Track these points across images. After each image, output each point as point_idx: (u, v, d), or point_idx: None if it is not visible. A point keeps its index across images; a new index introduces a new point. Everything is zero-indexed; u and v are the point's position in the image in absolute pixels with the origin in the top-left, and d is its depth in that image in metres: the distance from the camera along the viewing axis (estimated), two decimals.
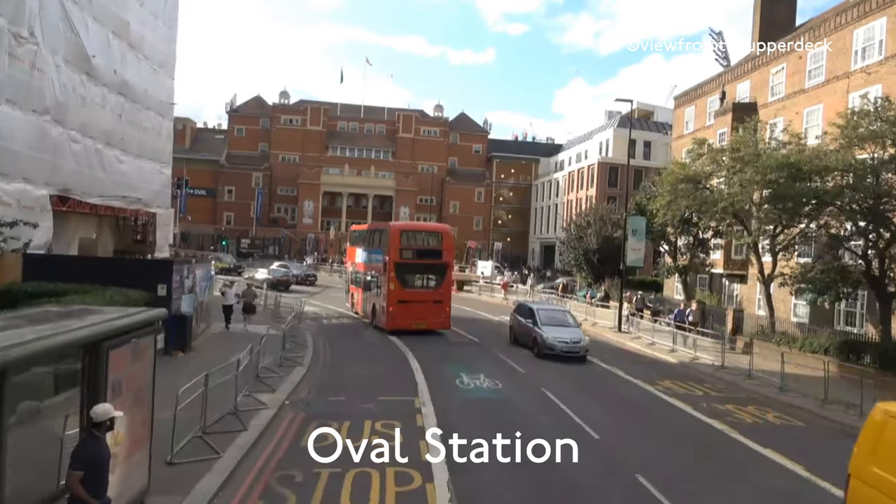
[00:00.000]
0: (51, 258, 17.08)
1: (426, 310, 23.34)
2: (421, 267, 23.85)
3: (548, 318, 21.72)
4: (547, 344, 20.26)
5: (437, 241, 24.54)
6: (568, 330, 21.13)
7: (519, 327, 22.75)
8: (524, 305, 23.90)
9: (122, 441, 6.56)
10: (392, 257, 23.04)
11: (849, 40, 25.83)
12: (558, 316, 22.48)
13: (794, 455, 11.31)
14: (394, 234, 23.64)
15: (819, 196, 19.56)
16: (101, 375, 5.99)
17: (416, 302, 23.33)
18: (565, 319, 22.17)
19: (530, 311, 22.27)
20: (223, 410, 11.42)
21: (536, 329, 21.02)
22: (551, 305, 24.61)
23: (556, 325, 21.17)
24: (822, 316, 25.08)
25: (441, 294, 23.96)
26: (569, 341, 20.34)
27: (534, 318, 21.54)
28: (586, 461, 10.52)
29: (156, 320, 7.07)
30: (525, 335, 22.07)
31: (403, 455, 10.22)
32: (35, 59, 16.35)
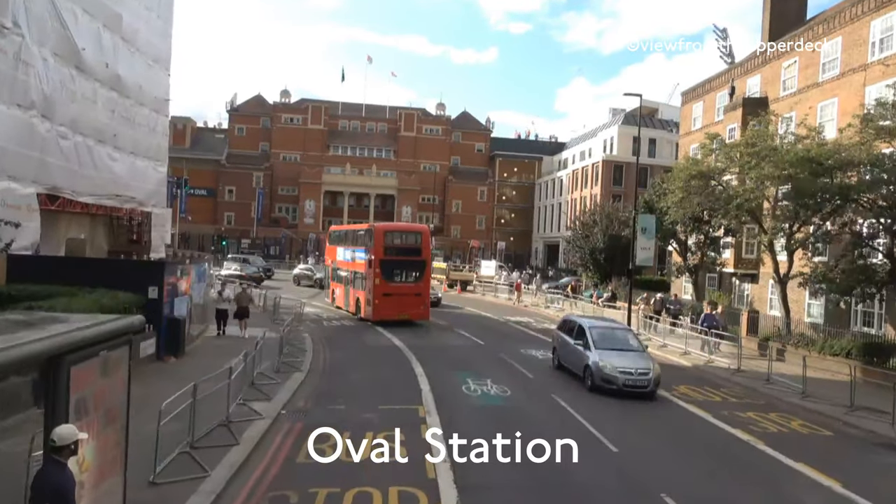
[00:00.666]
0: (37, 259, 16.36)
1: (408, 302, 25.58)
2: (403, 263, 26.04)
3: (603, 337, 16.97)
4: (604, 374, 15.55)
5: (416, 240, 27.01)
6: (632, 357, 16.18)
7: (564, 349, 18.28)
8: (571, 321, 18.98)
9: (89, 468, 5.78)
10: (377, 255, 25.33)
11: (865, 32, 24.97)
12: (618, 336, 17.51)
13: (828, 469, 10.51)
14: (378, 234, 26.03)
15: (844, 192, 18.70)
16: (62, 394, 5.21)
17: (399, 295, 25.56)
18: (627, 341, 17.21)
19: (580, 330, 17.48)
20: (215, 421, 10.68)
21: (588, 353, 16.39)
22: (606, 322, 19.92)
23: (615, 350, 16.28)
24: (838, 316, 24.24)
25: (421, 288, 26.32)
26: (633, 371, 15.50)
27: (585, 339, 16.93)
28: (605, 477, 9.75)
29: (130, 329, 6.28)
30: (572, 359, 17.55)
31: (407, 472, 9.46)
32: (20, 50, 15.61)
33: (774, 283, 25.00)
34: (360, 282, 27.18)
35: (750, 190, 22.31)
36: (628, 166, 61.73)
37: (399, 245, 26.46)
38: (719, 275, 34.02)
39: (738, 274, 32.04)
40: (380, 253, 25.38)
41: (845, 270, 18.86)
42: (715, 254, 30.57)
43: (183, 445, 9.40)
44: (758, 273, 30.60)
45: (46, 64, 16.90)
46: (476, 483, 9.21)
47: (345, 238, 31.26)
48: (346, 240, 30.82)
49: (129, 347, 6.52)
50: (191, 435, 9.63)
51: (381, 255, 25.35)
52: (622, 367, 15.49)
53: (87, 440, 5.44)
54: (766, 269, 28.78)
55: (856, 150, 18.88)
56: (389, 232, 27.50)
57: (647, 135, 63.88)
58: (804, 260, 22.62)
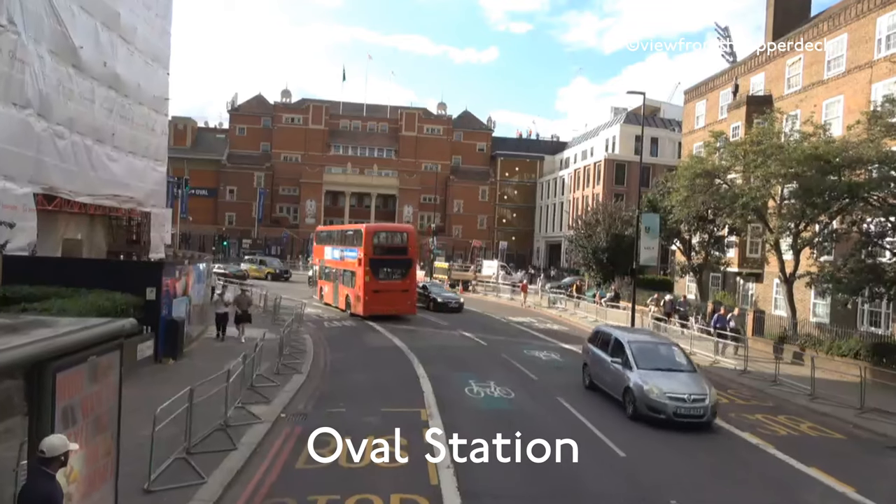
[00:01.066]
0: (34, 260, 16.14)
1: (395, 298, 27.00)
2: (390, 262, 27.44)
3: (645, 354, 14.13)
4: (650, 401, 12.77)
5: (403, 240, 28.43)
6: (683, 378, 13.39)
7: (598, 366, 15.47)
8: (604, 333, 16.14)
9: (78, 478, 5.55)
10: (366, 254, 26.73)
11: (871, 28, 24.68)
12: (662, 352, 14.52)
13: (841, 474, 10.23)
14: (367, 235, 27.37)
15: (853, 190, 18.40)
16: (47, 402, 4.97)
17: (387, 291, 26.92)
18: (674, 359, 14.30)
19: (617, 345, 14.72)
20: (212, 425, 10.44)
21: (629, 373, 13.61)
22: (646, 335, 17.30)
23: (662, 371, 13.53)
24: (844, 316, 23.95)
25: (407, 284, 27.74)
26: (686, 398, 12.67)
27: (623, 356, 14.13)
28: (610, 481, 9.50)
29: (121, 333, 6.03)
30: (608, 380, 14.78)
31: (409, 477, 9.21)
32: (15, 48, 15.40)
33: (780, 282, 24.71)
34: (349, 279, 28.46)
35: (756, 188, 22.02)
36: (630, 165, 61.44)
37: (387, 245, 27.97)
38: (723, 274, 33.75)
39: (743, 273, 31.77)
40: (369, 252, 26.77)
41: (854, 270, 18.56)
42: (719, 253, 30.29)
43: (179, 451, 9.17)
44: (762, 272, 30.33)
45: (43, 62, 16.68)
46: (480, 490, 8.96)
47: (333, 238, 32.59)
48: (334, 240, 32.21)
49: (120, 352, 6.27)
50: (187, 440, 9.40)
51: (371, 255, 26.75)
52: (672, 392, 12.73)
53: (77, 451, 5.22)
54: (770, 268, 28.50)
55: (864, 147, 18.59)
56: (378, 232, 28.89)
57: (650, 133, 63.50)
58: (810, 259, 22.33)
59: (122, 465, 6.78)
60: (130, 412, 8.55)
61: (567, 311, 34.67)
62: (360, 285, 26.97)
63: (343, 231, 32.76)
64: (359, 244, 27.47)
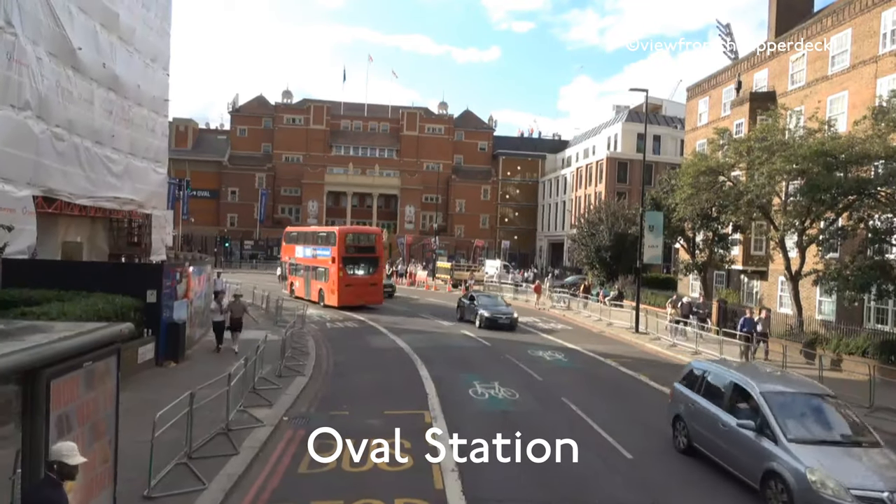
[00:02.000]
0: (33, 263, 16.01)
1: (365, 290, 31.07)
2: (361, 259, 31.35)
3: (796, 415, 9.26)
4: None
5: (371, 241, 32.53)
6: (867, 460, 8.62)
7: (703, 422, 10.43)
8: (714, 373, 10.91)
9: (74, 486, 5.39)
10: (340, 253, 30.35)
11: (876, 23, 24.46)
12: (820, 410, 9.64)
13: None
14: (340, 236, 31.10)
15: (860, 186, 18.19)
16: (40, 410, 4.83)
17: (357, 285, 30.78)
18: (839, 422, 9.51)
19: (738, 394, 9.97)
20: (214, 429, 10.32)
21: (773, 449, 8.68)
22: (782, 377, 11.46)
23: (826, 444, 8.71)
24: (851, 314, 23.75)
25: (375, 279, 31.96)
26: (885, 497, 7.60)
27: (757, 416, 9.21)
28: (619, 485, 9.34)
29: (117, 338, 5.89)
30: (728, 452, 9.70)
31: (414, 482, 9.06)
32: (13, 50, 15.28)
33: (785, 280, 24.50)
34: (323, 275, 31.86)
35: (760, 185, 21.81)
36: (633, 163, 61.24)
37: (357, 245, 31.73)
38: (727, 272, 33.54)
39: (748, 271, 31.55)
40: (342, 251, 30.50)
41: (861, 267, 18.36)
42: (723, 251, 30.07)
43: (180, 456, 9.04)
44: (767, 270, 30.11)
45: (41, 63, 16.57)
46: (486, 494, 8.81)
47: (305, 238, 35.90)
48: (306, 240, 35.51)
49: (117, 357, 6.14)
50: (188, 444, 9.26)
51: (343, 253, 30.52)
52: (862, 489, 7.76)
53: None
54: (775, 266, 28.30)
55: (871, 142, 18.39)
56: (349, 234, 32.53)
57: (652, 131, 63.38)
58: (816, 257, 22.13)
59: (122, 471, 6.66)
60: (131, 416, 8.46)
61: (571, 311, 34.45)
62: (335, 280, 30.48)
63: (315, 232, 35.94)
64: (333, 244, 30.90)
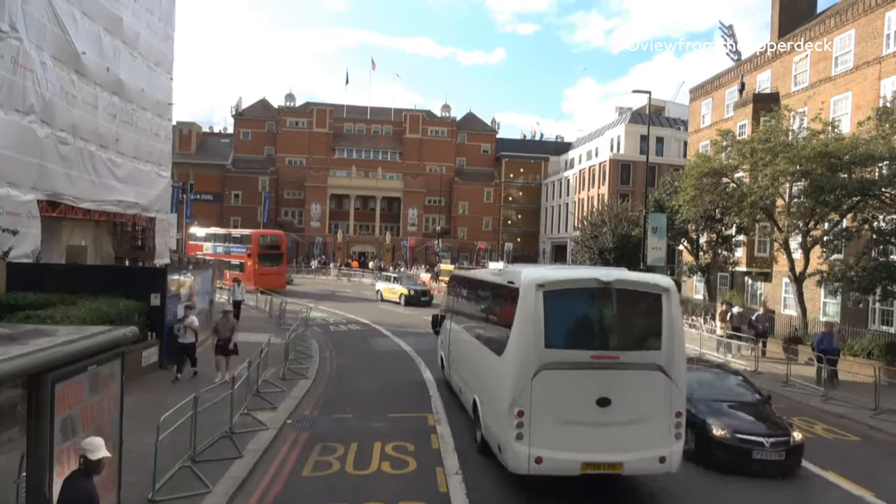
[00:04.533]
0: (38, 267, 16.07)
1: (273, 278, 39.63)
2: (270, 255, 41.02)
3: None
4: None
5: (277, 241, 42.98)
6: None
7: None
8: None
9: None
10: (255, 250, 40.33)
11: (880, 24, 24.41)
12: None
13: (858, 478, 10.01)
14: (255, 237, 41.84)
15: (864, 187, 18.13)
16: (45, 414, 4.84)
17: (268, 274, 39.64)
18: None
19: None
20: (218, 433, 10.32)
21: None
22: None
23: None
24: (855, 315, 23.67)
25: (280, 270, 42.00)
26: None
27: None
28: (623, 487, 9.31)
29: (121, 342, 5.90)
30: None
31: (417, 485, 9.05)
32: (18, 54, 15.34)
33: (790, 281, 24.45)
34: (238, 267, 39.29)
35: (764, 187, 21.77)
36: (636, 165, 61.17)
37: (268, 244, 41.86)
38: (731, 274, 33.47)
39: (752, 273, 31.47)
40: (257, 249, 40.39)
41: (865, 268, 18.30)
42: (727, 252, 30.02)
43: (184, 459, 9.03)
44: (771, 272, 30.03)
45: (45, 68, 16.63)
46: (490, 498, 8.79)
47: (216, 238, 45.41)
48: (216, 239, 45.11)
49: (121, 361, 6.16)
50: (192, 448, 9.27)
51: (258, 251, 40.39)
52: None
53: None
54: (779, 267, 28.22)
55: (875, 143, 18.34)
56: (262, 235, 43.33)
57: (655, 133, 63.25)
58: (821, 258, 22.06)
59: (127, 475, 6.68)
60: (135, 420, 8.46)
61: None
62: (252, 271, 39.09)
63: (229, 234, 45.89)
64: (249, 243, 41.05)
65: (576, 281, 8.82)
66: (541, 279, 8.69)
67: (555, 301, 8.48)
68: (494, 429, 9.19)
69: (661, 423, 8.44)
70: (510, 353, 8.68)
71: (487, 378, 9.96)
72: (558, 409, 8.25)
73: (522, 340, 8.43)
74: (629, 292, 8.62)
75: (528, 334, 8.39)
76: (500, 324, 9.66)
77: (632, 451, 8.26)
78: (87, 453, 5.07)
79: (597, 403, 8.22)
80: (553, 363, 8.28)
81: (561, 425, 8.23)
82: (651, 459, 8.35)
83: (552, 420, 8.24)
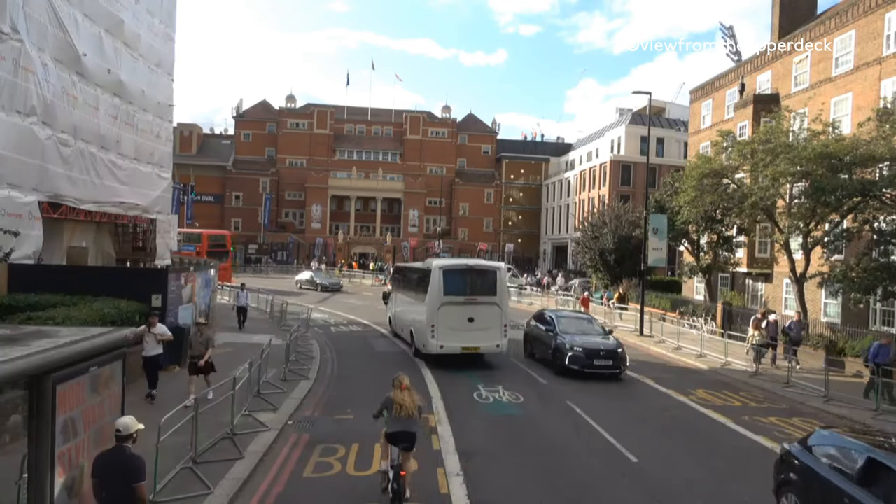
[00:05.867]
0: (39, 268, 16.09)
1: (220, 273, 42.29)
2: (217, 252, 44.14)
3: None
4: None
5: (223, 239, 48.81)
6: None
7: None
8: None
9: (79, 493, 5.42)
10: (205, 247, 44.80)
11: (880, 24, 24.44)
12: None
13: None
14: (205, 236, 47.18)
15: (865, 187, 18.13)
16: (46, 415, 4.85)
17: None
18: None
19: None
20: (219, 434, 10.33)
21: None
22: None
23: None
24: (856, 316, 23.67)
25: (226, 265, 44.16)
26: None
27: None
28: (625, 490, 9.31)
29: (123, 343, 5.91)
30: None
31: (419, 486, 9.04)
32: (19, 56, 15.35)
33: (791, 282, 24.45)
34: None
35: (765, 188, 21.77)
36: (636, 166, 61.18)
37: (216, 243, 46.55)
38: (732, 275, 33.47)
39: (752, 274, 31.48)
40: (206, 247, 44.88)
41: (866, 269, 18.29)
42: (728, 253, 30.02)
43: (185, 460, 9.04)
44: (772, 273, 30.04)
45: (47, 70, 16.64)
46: (491, 498, 8.79)
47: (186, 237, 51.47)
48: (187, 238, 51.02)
49: (122, 362, 6.16)
50: (193, 449, 9.27)
51: (207, 248, 44.63)
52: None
53: None
54: (780, 268, 28.23)
55: (875, 144, 18.34)
56: (211, 235, 48.33)
57: (655, 134, 63.24)
58: (821, 259, 22.05)
59: None
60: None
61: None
62: None
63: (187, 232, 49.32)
64: (199, 242, 45.56)
65: (457, 264, 18.76)
66: (442, 264, 18.31)
67: (447, 274, 17.79)
68: (420, 338, 18.54)
69: (497, 329, 17.76)
70: (428, 299, 17.81)
71: (417, 315, 19.01)
72: (450, 323, 17.46)
73: (433, 293, 17.62)
74: (480, 269, 18.39)
75: (435, 289, 17.58)
76: (423, 288, 18.57)
77: (483, 342, 17.71)
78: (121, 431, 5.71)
79: (467, 320, 17.54)
80: (447, 302, 17.48)
81: (451, 331, 17.46)
82: (492, 346, 17.84)
83: (447, 328, 17.47)
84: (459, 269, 18.16)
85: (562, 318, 19.67)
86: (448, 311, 17.26)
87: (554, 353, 17.91)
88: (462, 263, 18.74)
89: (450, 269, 17.89)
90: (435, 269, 17.74)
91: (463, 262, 18.93)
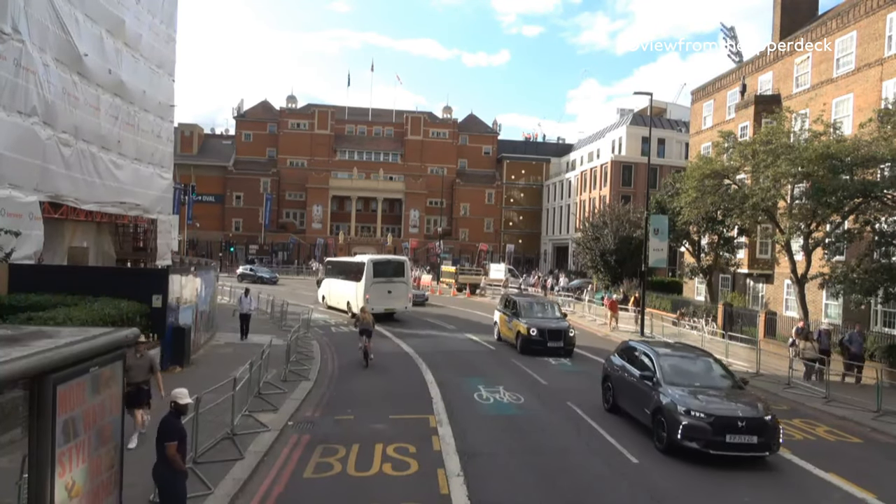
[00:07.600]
0: (40, 268, 16.11)
1: None
2: None
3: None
4: None
5: None
6: None
7: None
8: None
9: (80, 492, 5.42)
10: None
11: (881, 25, 24.41)
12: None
13: (860, 480, 9.98)
14: None
15: (866, 189, 18.10)
16: (46, 416, 4.84)
17: None
18: None
19: None
20: (219, 434, 10.33)
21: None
22: None
23: None
24: (857, 317, 23.62)
25: None
26: None
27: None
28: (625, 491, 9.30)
29: (124, 343, 5.91)
30: None
31: (419, 486, 9.05)
32: (20, 56, 15.39)
33: (791, 283, 24.40)
34: None
35: (766, 189, 21.74)
36: (637, 166, 61.15)
37: None
38: (733, 276, 33.45)
39: (753, 275, 31.46)
40: None
41: (867, 270, 18.25)
42: (729, 254, 30.00)
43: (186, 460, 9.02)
44: (773, 273, 30.02)
45: (48, 70, 16.68)
46: (492, 499, 8.78)
47: None
48: None
49: (123, 362, 6.16)
50: (193, 449, 9.26)
51: None
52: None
53: None
54: (781, 269, 28.21)
55: (877, 145, 18.31)
56: None
57: (656, 134, 63.25)
58: (822, 260, 22.02)
59: (128, 476, 6.65)
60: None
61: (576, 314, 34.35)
62: None
63: None
64: None
65: (382, 258, 31.00)
66: (372, 258, 29.64)
67: (376, 265, 28.45)
68: (355, 305, 27.34)
69: (405, 297, 29.04)
70: (362, 281, 27.77)
71: (354, 291, 28.64)
72: (377, 295, 27.39)
73: (366, 277, 27.66)
74: (395, 262, 29.97)
75: (368, 275, 27.65)
76: (357, 275, 28.65)
77: (396, 305, 28.74)
78: (178, 399, 6.95)
79: (388, 293, 28.09)
80: (375, 282, 27.74)
81: (378, 298, 27.31)
82: (402, 307, 29.07)
83: (375, 297, 27.06)
84: (382, 261, 29.58)
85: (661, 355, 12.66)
86: (376, 287, 27.44)
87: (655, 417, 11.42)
88: (384, 258, 31.62)
89: (377, 261, 28.99)
90: (368, 262, 28.19)
91: (384, 257, 32.47)
